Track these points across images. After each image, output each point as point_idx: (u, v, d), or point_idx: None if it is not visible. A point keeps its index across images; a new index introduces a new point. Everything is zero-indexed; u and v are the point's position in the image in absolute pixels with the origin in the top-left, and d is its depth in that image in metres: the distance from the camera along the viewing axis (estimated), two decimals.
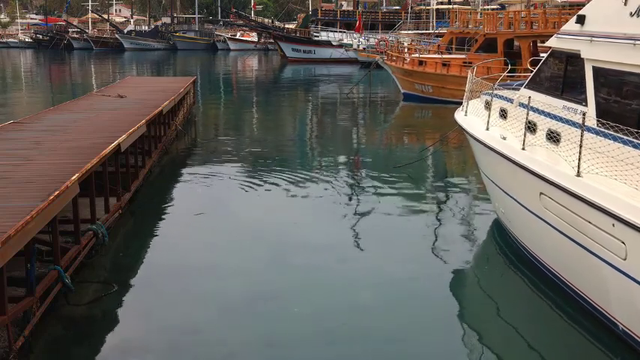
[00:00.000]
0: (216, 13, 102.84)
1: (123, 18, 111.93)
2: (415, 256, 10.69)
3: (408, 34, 51.52)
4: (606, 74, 8.65)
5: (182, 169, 16.95)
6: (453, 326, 8.35)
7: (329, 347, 7.76)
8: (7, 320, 6.83)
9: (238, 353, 7.63)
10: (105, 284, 9.38)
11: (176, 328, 8.14)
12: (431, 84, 30.73)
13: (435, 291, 9.40)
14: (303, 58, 66.95)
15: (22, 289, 7.74)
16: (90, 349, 7.68)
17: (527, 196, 9.50)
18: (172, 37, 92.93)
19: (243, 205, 13.59)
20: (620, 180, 7.47)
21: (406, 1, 75.77)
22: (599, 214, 7.42)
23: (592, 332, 8.11)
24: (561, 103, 9.47)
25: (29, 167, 10.05)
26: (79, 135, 12.84)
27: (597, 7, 9.24)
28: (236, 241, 11.37)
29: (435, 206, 13.65)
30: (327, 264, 10.27)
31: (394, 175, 16.13)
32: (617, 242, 7.25)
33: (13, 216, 7.24)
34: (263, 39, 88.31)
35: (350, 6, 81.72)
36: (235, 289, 9.33)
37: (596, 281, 8.00)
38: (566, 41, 9.63)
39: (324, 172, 16.61)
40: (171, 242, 11.37)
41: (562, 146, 8.78)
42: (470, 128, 12.02)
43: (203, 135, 23.38)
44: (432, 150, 19.00)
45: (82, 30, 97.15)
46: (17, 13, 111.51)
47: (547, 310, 8.91)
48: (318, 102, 35.50)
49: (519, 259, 10.45)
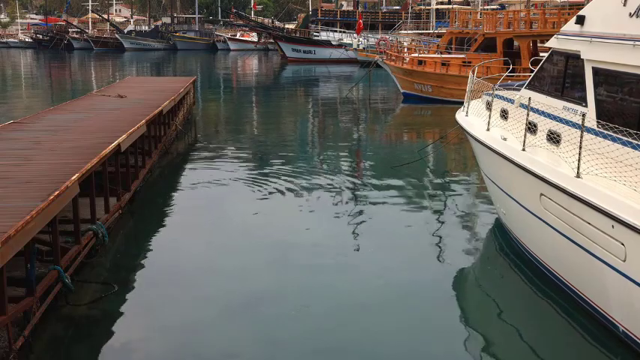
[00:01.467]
0: (216, 13, 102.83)
1: (123, 18, 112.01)
2: (415, 256, 10.70)
3: (408, 34, 51.47)
4: (606, 75, 8.65)
5: (182, 169, 16.96)
6: (454, 326, 8.35)
7: (329, 347, 7.76)
8: (7, 320, 6.83)
9: (238, 353, 7.64)
10: (105, 284, 9.37)
11: (176, 328, 8.14)
12: (430, 84, 30.74)
13: (436, 291, 9.40)
14: (303, 58, 66.96)
15: (22, 289, 7.74)
16: (90, 349, 7.69)
17: (528, 197, 9.50)
18: (172, 37, 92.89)
19: (243, 205, 13.58)
20: (620, 181, 7.47)
21: (406, 1, 75.75)
22: (599, 216, 7.42)
23: (593, 334, 8.10)
24: (561, 103, 9.47)
25: (29, 167, 10.04)
26: (79, 135, 12.84)
27: (597, 7, 9.25)
28: (236, 241, 11.39)
29: (436, 206, 13.65)
30: (327, 264, 10.27)
31: (394, 174, 16.12)
32: (616, 243, 7.25)
33: (13, 216, 7.24)
34: (263, 39, 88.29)
35: (350, 6, 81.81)
36: (235, 289, 9.33)
37: (596, 283, 8.00)
38: (566, 42, 9.63)
39: (324, 172, 16.61)
40: (171, 242, 11.38)
41: (562, 147, 8.78)
42: (471, 129, 12.02)
43: (203, 135, 23.37)
44: (431, 149, 19.00)
45: (82, 30, 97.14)
46: (17, 13, 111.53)
47: (547, 311, 8.91)
48: (318, 102, 35.50)
49: (520, 260, 10.45)
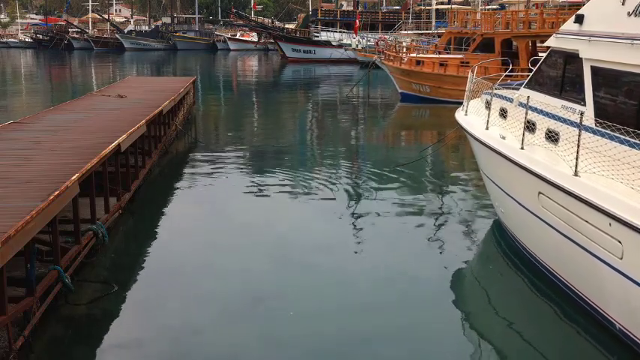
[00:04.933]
0: (216, 13, 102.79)
1: (123, 18, 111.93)
2: (415, 256, 10.72)
3: (408, 34, 51.47)
4: (604, 74, 8.67)
5: (182, 169, 16.98)
6: (453, 325, 8.38)
7: (329, 347, 7.78)
8: (7, 320, 6.85)
9: (238, 353, 7.66)
10: (105, 284, 9.39)
11: (176, 328, 8.16)
12: (428, 84, 30.72)
13: (435, 290, 9.42)
14: (303, 58, 66.97)
15: (22, 289, 7.76)
16: (90, 349, 7.71)
17: (526, 196, 9.53)
18: (172, 37, 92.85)
19: (243, 205, 13.61)
20: (617, 179, 7.49)
21: (406, 1, 75.70)
22: (596, 214, 7.45)
23: (590, 331, 8.14)
24: (560, 102, 9.49)
25: (29, 167, 10.06)
26: (79, 135, 12.86)
27: (595, 6, 9.27)
28: (236, 240, 11.40)
29: (435, 206, 13.67)
30: (327, 264, 10.29)
31: (394, 174, 16.14)
32: (613, 241, 7.28)
33: (13, 216, 7.26)
34: (263, 39, 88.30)
35: (350, 6, 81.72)
36: (235, 289, 9.35)
37: (593, 280, 8.03)
38: (565, 41, 9.65)
39: (323, 172, 16.63)
40: (171, 242, 11.40)
41: (561, 146, 8.80)
42: (470, 128, 12.05)
43: (203, 135, 23.39)
44: (431, 149, 19.02)
45: (83, 30, 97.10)
46: (17, 13, 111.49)
47: (545, 309, 8.94)
48: (318, 102, 35.51)
49: (519, 259, 10.47)
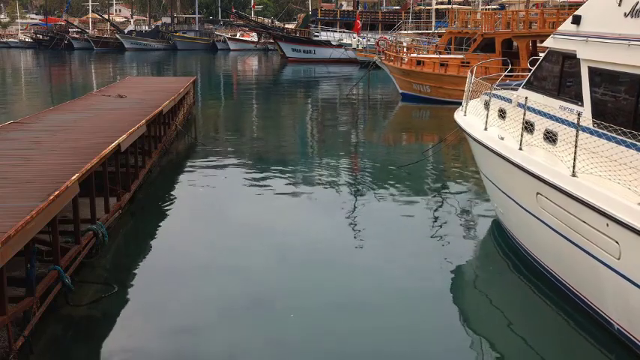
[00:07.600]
0: (216, 13, 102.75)
1: (123, 18, 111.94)
2: (415, 256, 10.74)
3: (408, 34, 51.46)
4: (602, 74, 8.70)
5: (182, 169, 17.01)
6: (452, 325, 8.41)
7: (329, 347, 7.81)
8: (7, 320, 6.87)
9: (238, 353, 7.69)
10: (105, 284, 9.42)
11: (176, 328, 8.19)
12: (429, 84, 30.75)
13: (435, 290, 9.45)
14: (303, 58, 66.97)
15: (22, 289, 7.79)
16: (90, 349, 7.74)
17: (525, 196, 9.56)
18: (172, 37, 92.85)
19: (243, 205, 13.64)
20: (615, 180, 7.52)
21: (406, 1, 75.70)
22: (594, 214, 7.48)
23: (588, 331, 8.17)
24: (558, 103, 9.52)
25: (29, 167, 10.08)
26: (79, 135, 12.89)
27: (592, 7, 9.30)
28: (236, 240, 11.42)
29: (435, 206, 13.69)
30: (327, 264, 10.32)
31: (394, 175, 16.18)
32: (611, 242, 7.31)
33: (13, 216, 7.28)
34: (263, 39, 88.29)
35: (350, 6, 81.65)
36: (235, 289, 9.38)
37: (591, 280, 8.06)
38: (563, 41, 9.69)
39: (324, 172, 16.66)
40: (171, 242, 11.43)
41: (558, 146, 8.84)
42: (469, 128, 12.07)
43: (203, 135, 23.39)
44: (432, 150, 19.04)
45: (83, 30, 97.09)
46: (17, 13, 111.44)
47: (544, 309, 8.97)
48: (318, 102, 35.52)
49: (518, 259, 10.50)
